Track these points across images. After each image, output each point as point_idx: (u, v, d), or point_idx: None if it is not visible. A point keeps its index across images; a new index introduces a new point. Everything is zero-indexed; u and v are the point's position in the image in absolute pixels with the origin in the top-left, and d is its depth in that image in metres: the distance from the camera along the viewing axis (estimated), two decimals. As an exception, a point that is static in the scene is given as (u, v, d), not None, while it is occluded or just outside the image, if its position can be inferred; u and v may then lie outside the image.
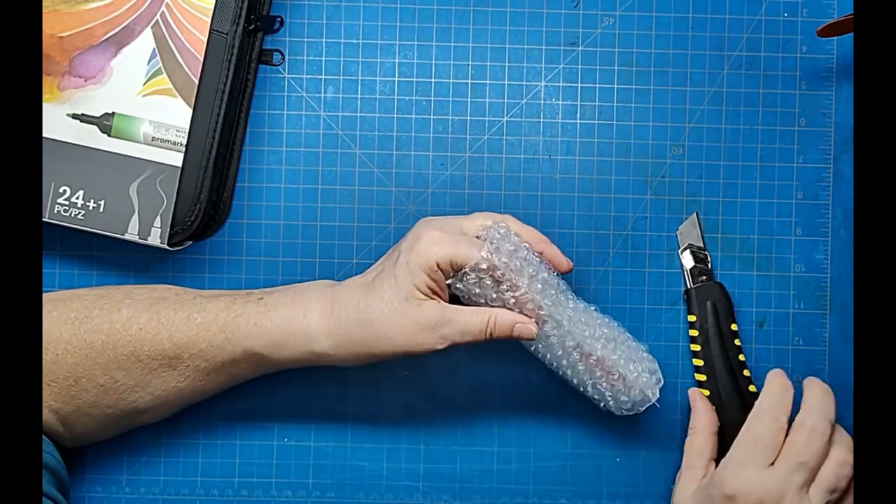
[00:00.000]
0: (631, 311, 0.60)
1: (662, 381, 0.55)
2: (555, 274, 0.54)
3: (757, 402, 0.55)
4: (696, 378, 0.59)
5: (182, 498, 0.59)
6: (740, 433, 0.54)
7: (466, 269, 0.51)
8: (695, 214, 0.60)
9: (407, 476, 0.60)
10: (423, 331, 0.51)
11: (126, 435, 0.57)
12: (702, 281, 0.59)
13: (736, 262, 0.60)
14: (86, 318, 0.52)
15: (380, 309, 0.51)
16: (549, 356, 0.54)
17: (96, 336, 0.52)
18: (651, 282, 0.60)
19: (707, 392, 0.59)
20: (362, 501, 0.59)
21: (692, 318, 0.59)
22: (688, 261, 0.59)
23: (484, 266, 0.51)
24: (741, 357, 0.59)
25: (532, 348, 0.54)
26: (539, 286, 0.52)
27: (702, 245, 0.59)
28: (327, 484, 0.59)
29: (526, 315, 0.52)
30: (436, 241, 0.51)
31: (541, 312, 0.52)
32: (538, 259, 0.53)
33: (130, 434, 0.57)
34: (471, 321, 0.52)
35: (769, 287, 0.60)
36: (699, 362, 0.59)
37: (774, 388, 0.55)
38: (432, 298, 0.52)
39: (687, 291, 0.59)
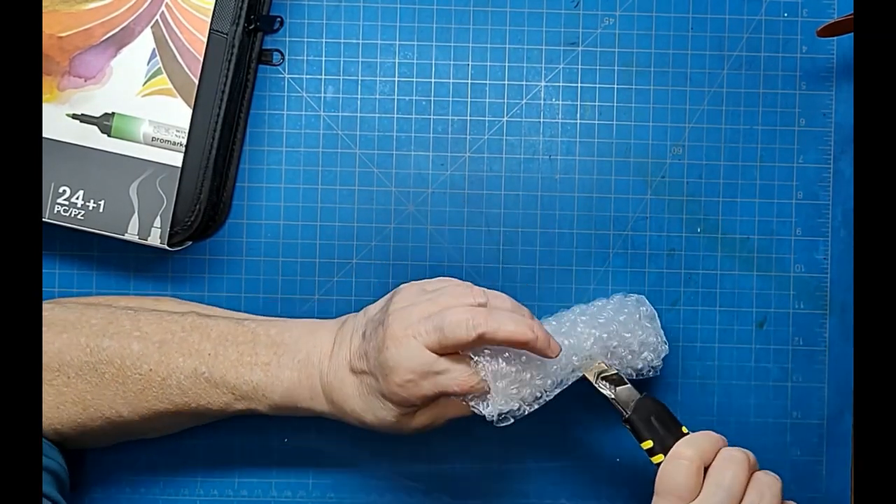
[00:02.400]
0: (631, 311, 0.60)
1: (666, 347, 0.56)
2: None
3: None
4: None
5: (182, 498, 0.59)
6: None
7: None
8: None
9: (407, 476, 0.60)
10: (419, 430, 0.52)
11: (126, 435, 0.58)
12: (633, 402, 0.52)
13: (736, 262, 0.60)
14: (97, 349, 0.52)
15: (372, 420, 0.51)
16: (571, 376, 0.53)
17: (107, 368, 0.51)
18: (651, 282, 0.60)
19: None
20: (362, 501, 0.59)
21: (648, 444, 0.51)
22: (607, 390, 0.52)
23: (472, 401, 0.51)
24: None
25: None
26: (535, 389, 0.51)
27: (605, 366, 0.53)
28: (327, 484, 0.59)
29: None
30: (407, 393, 0.49)
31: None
32: (525, 365, 0.51)
33: (130, 434, 0.58)
34: (466, 409, 0.52)
35: (769, 287, 0.60)
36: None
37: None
38: (425, 405, 0.51)
39: (627, 420, 0.52)
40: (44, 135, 0.55)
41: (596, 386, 0.52)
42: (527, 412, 0.51)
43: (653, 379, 0.60)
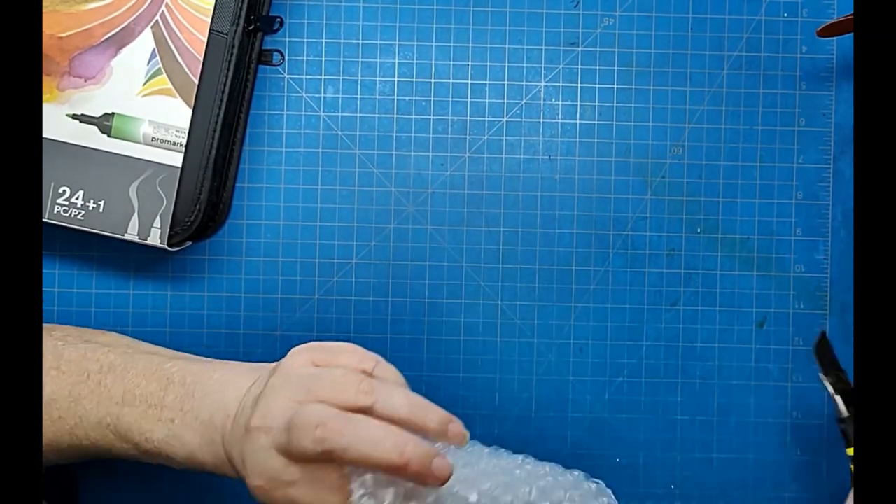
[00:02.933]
0: (631, 311, 0.60)
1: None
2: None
3: None
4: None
5: (182, 498, 0.59)
6: None
7: None
8: (822, 333, 0.51)
9: (407, 476, 0.60)
10: None
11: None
12: (850, 405, 0.50)
13: (736, 262, 0.60)
14: None
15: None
16: None
17: None
18: (651, 282, 0.60)
19: None
20: None
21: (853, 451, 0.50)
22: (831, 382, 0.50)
23: None
24: None
25: None
26: None
27: (838, 366, 0.51)
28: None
29: None
30: (261, 496, 0.42)
31: None
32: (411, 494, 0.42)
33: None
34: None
35: (769, 287, 0.60)
36: None
37: None
38: None
39: (842, 421, 0.50)
40: (44, 135, 0.55)
41: (824, 376, 0.50)
42: None
43: (652, 379, 0.60)
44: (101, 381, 0.49)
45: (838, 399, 0.50)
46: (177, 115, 0.55)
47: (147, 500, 0.59)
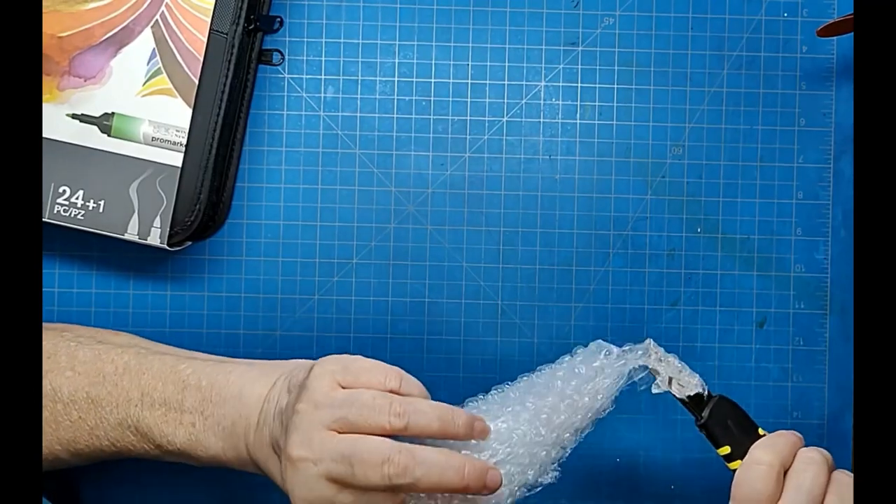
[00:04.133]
0: (631, 311, 0.60)
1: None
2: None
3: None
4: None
5: (182, 498, 0.59)
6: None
7: None
8: (648, 341, 0.50)
9: (407, 476, 0.60)
10: None
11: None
12: (707, 404, 0.49)
13: (736, 262, 0.60)
14: None
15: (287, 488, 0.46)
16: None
17: (43, 407, 0.50)
18: (651, 282, 0.60)
19: None
20: None
21: (725, 450, 0.49)
22: (679, 391, 0.50)
23: None
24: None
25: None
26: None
27: (679, 368, 0.50)
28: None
29: None
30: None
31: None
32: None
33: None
34: None
35: (769, 287, 0.60)
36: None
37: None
38: None
39: (703, 426, 0.49)
40: (44, 135, 0.55)
41: (669, 389, 0.49)
42: None
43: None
44: (117, 383, 0.50)
45: (690, 405, 0.49)
46: (177, 115, 0.55)
47: (147, 498, 0.59)
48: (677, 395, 0.49)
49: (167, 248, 0.55)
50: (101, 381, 0.50)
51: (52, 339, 0.52)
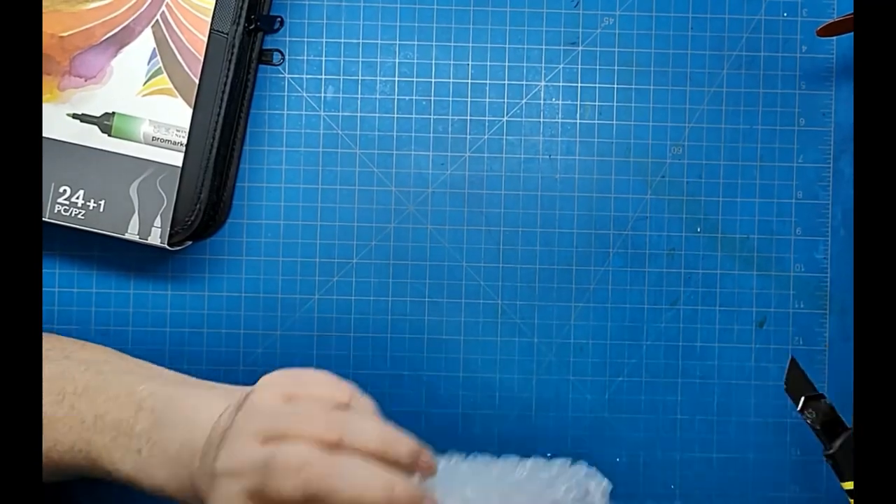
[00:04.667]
0: (631, 311, 0.60)
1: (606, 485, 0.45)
2: None
3: None
4: None
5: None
6: None
7: None
8: (791, 359, 0.49)
9: (407, 476, 0.60)
10: None
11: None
12: (838, 435, 0.46)
13: (736, 262, 0.60)
14: None
15: None
16: None
17: None
18: (651, 282, 0.60)
19: None
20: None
21: (851, 485, 0.46)
22: (810, 419, 0.47)
23: None
24: None
25: None
26: None
27: (815, 391, 0.47)
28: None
29: None
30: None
31: None
32: None
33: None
34: None
35: (769, 287, 0.60)
36: None
37: None
38: None
39: (831, 456, 0.46)
40: (44, 135, 0.55)
41: (800, 413, 0.46)
42: None
43: (652, 379, 0.60)
44: (73, 404, 0.48)
45: (822, 432, 0.46)
46: (177, 115, 0.55)
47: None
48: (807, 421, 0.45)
49: (167, 247, 0.55)
50: (60, 400, 0.48)
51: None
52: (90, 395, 0.48)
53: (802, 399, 0.46)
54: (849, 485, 0.46)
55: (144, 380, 0.48)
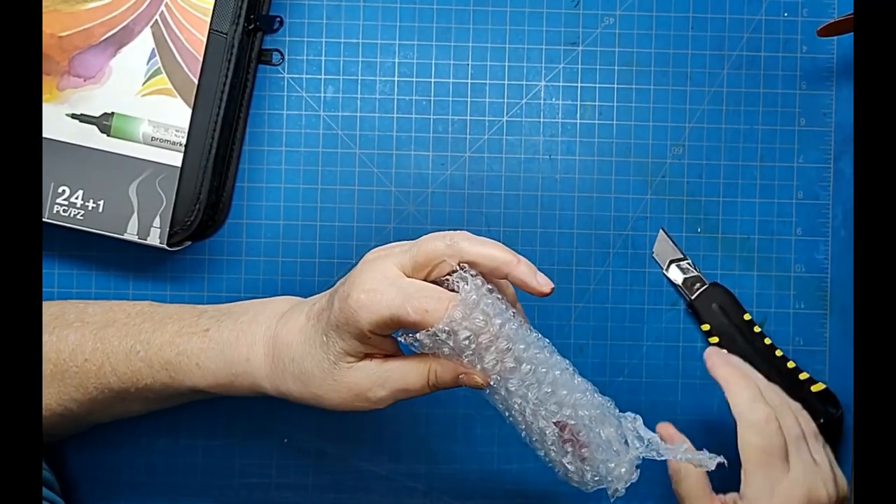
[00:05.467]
0: (631, 311, 0.60)
1: (635, 478, 0.46)
2: (527, 330, 0.46)
3: (736, 416, 0.51)
4: None
5: (181, 500, 0.59)
6: (743, 459, 0.50)
7: (419, 337, 0.44)
8: (661, 231, 0.60)
9: (407, 476, 0.60)
10: (356, 396, 0.46)
11: (124, 435, 0.58)
12: (697, 289, 0.59)
13: (736, 262, 0.60)
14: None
15: (310, 368, 0.46)
16: (512, 411, 0.46)
17: (46, 366, 0.50)
18: (651, 281, 0.60)
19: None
20: (362, 501, 0.59)
21: (706, 328, 0.59)
22: (676, 276, 0.59)
23: (445, 333, 0.43)
24: (767, 341, 0.59)
25: (493, 397, 0.47)
26: (511, 362, 0.45)
27: (681, 255, 0.59)
28: (327, 484, 0.59)
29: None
30: (368, 302, 0.43)
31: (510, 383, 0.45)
32: (512, 316, 0.45)
33: (129, 434, 0.57)
34: (409, 378, 0.46)
35: (769, 287, 0.60)
36: None
37: (735, 388, 0.51)
38: (367, 358, 0.46)
39: (690, 305, 0.59)
40: (43, 135, 0.55)
41: (664, 273, 0.55)
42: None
43: (652, 379, 0.60)
44: (128, 322, 0.51)
45: (683, 287, 0.59)
46: (176, 115, 0.55)
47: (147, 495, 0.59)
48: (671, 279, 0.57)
49: (167, 248, 0.55)
50: (112, 323, 0.51)
51: (60, 303, 0.54)
52: (144, 315, 0.51)
53: (668, 261, 0.58)
54: (706, 327, 0.59)
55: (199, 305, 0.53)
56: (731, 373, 0.52)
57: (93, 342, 0.50)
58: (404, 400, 0.46)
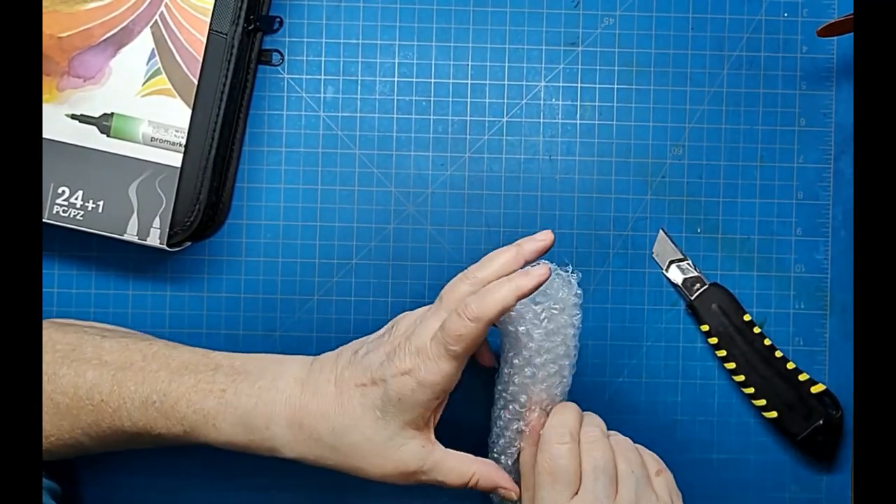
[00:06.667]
0: (631, 311, 0.60)
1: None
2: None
3: (541, 433, 0.52)
4: (735, 380, 0.59)
5: (182, 500, 0.59)
6: (536, 474, 0.50)
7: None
8: (661, 231, 0.60)
9: (407, 477, 0.60)
10: (400, 474, 0.48)
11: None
12: (697, 290, 0.59)
13: (736, 262, 0.60)
14: (54, 376, 0.50)
15: (357, 441, 0.47)
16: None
17: (62, 398, 0.50)
18: (651, 282, 0.60)
19: (752, 389, 0.58)
20: (362, 501, 0.59)
21: (706, 328, 0.59)
22: (676, 276, 0.59)
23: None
24: (767, 341, 0.59)
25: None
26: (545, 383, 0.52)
27: (681, 256, 0.59)
28: (326, 484, 0.59)
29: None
30: (430, 343, 0.48)
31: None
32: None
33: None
34: (451, 476, 0.49)
35: (769, 287, 0.60)
36: (731, 365, 0.59)
37: (560, 407, 0.53)
38: (421, 433, 0.49)
39: (689, 305, 0.59)
40: (43, 135, 0.55)
41: (664, 273, 0.57)
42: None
43: (652, 379, 0.60)
44: (144, 367, 0.50)
45: (682, 287, 0.60)
46: (176, 115, 0.55)
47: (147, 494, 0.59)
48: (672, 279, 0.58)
49: (167, 248, 0.55)
50: (129, 366, 0.50)
51: (76, 332, 0.53)
52: (161, 359, 0.51)
53: (668, 262, 0.59)
54: (705, 327, 0.59)
55: (212, 352, 0.52)
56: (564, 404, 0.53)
57: (110, 384, 0.50)
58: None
